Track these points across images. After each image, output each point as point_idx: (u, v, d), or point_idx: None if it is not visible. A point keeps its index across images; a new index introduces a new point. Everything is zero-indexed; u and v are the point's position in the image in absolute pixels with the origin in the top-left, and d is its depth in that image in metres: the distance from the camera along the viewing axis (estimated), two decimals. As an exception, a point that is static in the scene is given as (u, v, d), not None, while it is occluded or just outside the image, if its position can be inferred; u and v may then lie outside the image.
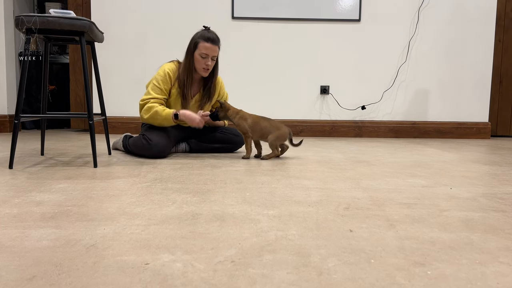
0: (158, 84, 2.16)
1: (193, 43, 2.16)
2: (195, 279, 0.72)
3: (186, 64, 2.18)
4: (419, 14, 3.61)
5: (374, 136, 3.68)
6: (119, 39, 3.61)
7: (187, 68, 2.18)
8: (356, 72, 3.67)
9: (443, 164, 2.08)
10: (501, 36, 3.85)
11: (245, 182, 1.57)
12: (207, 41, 2.12)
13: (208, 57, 2.14)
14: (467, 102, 3.71)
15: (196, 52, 2.14)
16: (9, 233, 0.94)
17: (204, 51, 2.12)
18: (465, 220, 1.09)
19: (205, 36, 2.13)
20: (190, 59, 2.17)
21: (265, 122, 2.17)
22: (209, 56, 2.14)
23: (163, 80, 2.16)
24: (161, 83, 2.16)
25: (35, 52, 3.97)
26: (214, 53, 2.15)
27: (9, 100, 3.73)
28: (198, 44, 2.13)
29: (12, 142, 1.79)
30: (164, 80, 2.16)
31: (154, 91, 2.16)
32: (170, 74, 2.18)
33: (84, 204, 1.21)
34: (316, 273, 0.75)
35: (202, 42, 2.12)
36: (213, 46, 2.13)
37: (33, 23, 1.71)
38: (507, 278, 0.74)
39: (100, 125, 3.67)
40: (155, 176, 1.66)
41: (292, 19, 3.60)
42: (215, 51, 2.15)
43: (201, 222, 1.05)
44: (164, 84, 2.17)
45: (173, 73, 2.19)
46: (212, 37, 2.13)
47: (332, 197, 1.34)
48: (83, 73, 1.85)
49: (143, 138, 2.14)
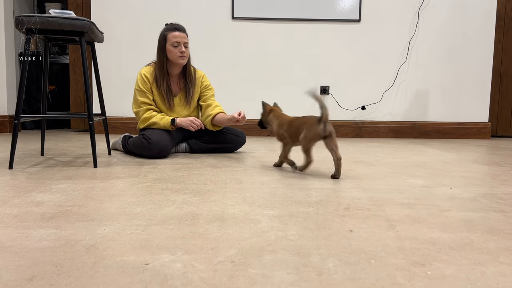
0: (139, 88, 2.24)
1: (162, 38, 2.22)
2: (195, 279, 0.72)
3: (159, 61, 2.24)
4: (419, 14, 3.61)
5: (374, 137, 3.68)
6: (119, 39, 3.61)
7: (160, 64, 2.24)
8: (356, 72, 3.67)
9: (443, 165, 2.08)
10: (501, 36, 3.85)
11: (245, 182, 1.56)
12: (174, 30, 2.21)
13: (180, 44, 2.20)
14: (467, 102, 3.71)
15: (167, 44, 2.21)
16: (9, 233, 0.94)
17: (174, 40, 2.19)
18: (465, 220, 1.09)
19: (171, 27, 2.22)
20: (162, 54, 2.22)
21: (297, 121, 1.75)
22: (181, 43, 2.20)
23: (142, 82, 2.24)
24: (141, 86, 2.24)
25: (35, 52, 3.97)
26: (185, 39, 2.22)
27: (9, 100, 3.73)
28: (167, 36, 2.20)
29: (12, 142, 1.79)
30: (142, 82, 2.24)
31: (140, 96, 2.24)
32: (147, 75, 2.25)
33: (84, 204, 1.21)
34: (316, 273, 0.75)
35: (170, 32, 2.20)
36: (182, 33, 2.22)
37: (33, 23, 1.71)
38: (507, 278, 0.74)
39: (100, 125, 3.67)
40: (155, 176, 1.66)
41: (292, 19, 3.60)
42: (185, 38, 2.23)
43: (201, 222, 1.05)
44: (144, 86, 2.24)
45: (150, 74, 2.26)
46: (177, 26, 2.23)
47: (332, 197, 1.34)
48: (83, 73, 1.85)
49: (143, 137, 2.14)
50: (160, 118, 2.21)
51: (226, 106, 3.58)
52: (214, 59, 3.63)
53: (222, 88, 3.64)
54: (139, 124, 2.26)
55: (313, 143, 1.65)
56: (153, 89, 2.26)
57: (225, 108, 3.50)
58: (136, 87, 2.26)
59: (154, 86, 2.26)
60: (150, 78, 2.25)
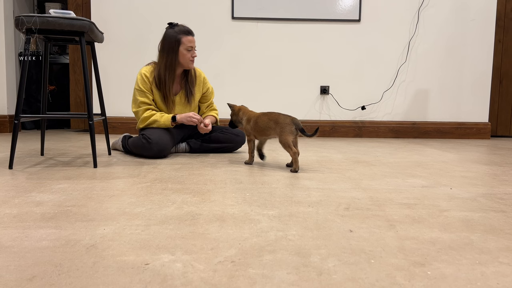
0: (139, 87, 2.24)
1: (174, 40, 2.20)
2: (195, 279, 0.72)
3: (168, 62, 2.22)
4: (419, 14, 3.61)
5: (374, 136, 3.68)
6: (119, 39, 3.61)
7: (168, 65, 2.23)
8: (356, 72, 3.67)
9: (443, 164, 2.08)
10: (501, 36, 3.85)
11: (245, 182, 1.56)
12: (188, 34, 2.21)
13: (193, 49, 2.23)
14: (467, 102, 3.71)
15: (181, 47, 2.20)
16: (9, 233, 0.94)
17: (189, 44, 2.20)
18: (465, 220, 1.09)
19: (184, 31, 2.21)
20: (173, 56, 2.21)
21: (264, 117, 1.92)
22: (194, 47, 2.23)
23: (141, 82, 2.23)
24: (141, 85, 2.23)
25: (35, 52, 3.97)
26: (195, 43, 2.26)
27: (9, 100, 3.73)
28: (181, 39, 2.20)
29: (12, 142, 1.79)
30: (142, 82, 2.23)
31: (139, 95, 2.24)
32: (147, 75, 2.24)
33: (84, 204, 1.21)
34: (316, 273, 0.75)
35: (184, 36, 2.20)
36: (193, 38, 2.25)
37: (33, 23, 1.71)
38: (507, 278, 0.74)
39: (100, 125, 3.67)
40: (155, 176, 1.66)
41: (292, 19, 3.60)
42: (195, 42, 2.26)
43: (201, 222, 1.05)
44: (144, 86, 2.23)
45: (150, 74, 2.25)
46: (190, 30, 2.25)
47: (332, 197, 1.34)
48: (83, 73, 1.85)
49: (143, 137, 2.15)
50: (160, 116, 2.21)
51: (225, 106, 3.58)
52: (214, 59, 3.63)
53: (222, 88, 3.64)
54: (138, 124, 2.26)
55: (291, 137, 1.83)
56: (153, 88, 2.26)
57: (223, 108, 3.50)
58: (136, 87, 2.25)
59: (154, 86, 2.25)
60: (150, 77, 2.25)
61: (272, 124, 1.86)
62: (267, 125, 1.88)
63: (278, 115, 1.88)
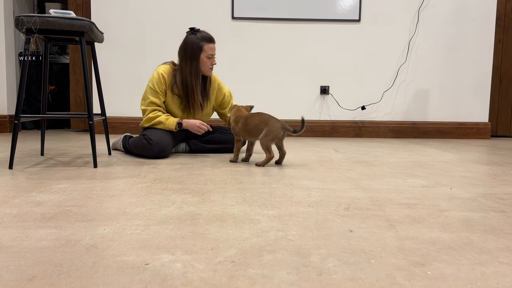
0: (153, 86, 2.19)
1: (196, 47, 2.16)
2: (195, 279, 0.72)
3: (193, 69, 2.18)
4: (419, 14, 3.61)
5: (374, 136, 3.68)
6: (119, 39, 3.61)
7: (194, 73, 2.18)
8: (356, 72, 3.67)
9: (443, 164, 2.08)
10: (501, 36, 3.85)
11: (245, 182, 1.57)
12: (210, 42, 2.18)
13: (213, 57, 2.20)
14: (467, 102, 3.71)
15: (202, 54, 2.17)
16: (9, 233, 0.94)
17: (210, 52, 2.18)
18: (465, 220, 1.09)
19: (207, 38, 2.18)
20: (196, 63, 2.17)
21: (255, 118, 1.95)
22: (214, 55, 2.21)
23: (157, 82, 2.19)
24: (155, 85, 2.19)
25: (35, 52, 3.97)
26: (215, 51, 2.22)
27: (9, 100, 3.73)
28: (203, 46, 2.16)
29: (12, 142, 1.79)
30: (158, 82, 2.19)
31: (151, 95, 2.19)
32: (164, 76, 2.20)
33: (84, 204, 1.21)
34: (316, 273, 0.75)
35: (206, 44, 2.17)
36: (214, 45, 2.21)
37: (33, 23, 1.71)
38: (507, 278, 0.74)
39: (100, 125, 3.67)
40: (155, 176, 1.66)
41: (292, 19, 3.60)
42: (215, 49, 2.22)
43: (201, 222, 1.05)
44: (159, 86, 2.19)
45: (167, 75, 2.21)
46: (211, 37, 2.20)
47: (332, 197, 1.34)
48: (83, 73, 1.85)
49: (144, 138, 2.14)
50: (166, 119, 2.18)
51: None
52: (214, 59, 3.63)
53: (222, 88, 3.64)
54: (143, 122, 2.24)
55: (273, 142, 1.93)
56: (167, 91, 2.21)
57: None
58: (150, 85, 2.20)
59: (169, 88, 2.21)
60: (168, 79, 2.20)
61: (262, 125, 1.91)
62: (258, 126, 1.92)
63: (269, 117, 1.92)
